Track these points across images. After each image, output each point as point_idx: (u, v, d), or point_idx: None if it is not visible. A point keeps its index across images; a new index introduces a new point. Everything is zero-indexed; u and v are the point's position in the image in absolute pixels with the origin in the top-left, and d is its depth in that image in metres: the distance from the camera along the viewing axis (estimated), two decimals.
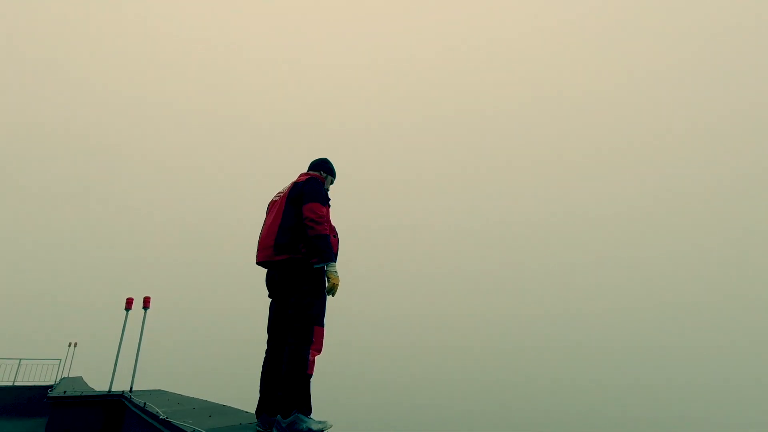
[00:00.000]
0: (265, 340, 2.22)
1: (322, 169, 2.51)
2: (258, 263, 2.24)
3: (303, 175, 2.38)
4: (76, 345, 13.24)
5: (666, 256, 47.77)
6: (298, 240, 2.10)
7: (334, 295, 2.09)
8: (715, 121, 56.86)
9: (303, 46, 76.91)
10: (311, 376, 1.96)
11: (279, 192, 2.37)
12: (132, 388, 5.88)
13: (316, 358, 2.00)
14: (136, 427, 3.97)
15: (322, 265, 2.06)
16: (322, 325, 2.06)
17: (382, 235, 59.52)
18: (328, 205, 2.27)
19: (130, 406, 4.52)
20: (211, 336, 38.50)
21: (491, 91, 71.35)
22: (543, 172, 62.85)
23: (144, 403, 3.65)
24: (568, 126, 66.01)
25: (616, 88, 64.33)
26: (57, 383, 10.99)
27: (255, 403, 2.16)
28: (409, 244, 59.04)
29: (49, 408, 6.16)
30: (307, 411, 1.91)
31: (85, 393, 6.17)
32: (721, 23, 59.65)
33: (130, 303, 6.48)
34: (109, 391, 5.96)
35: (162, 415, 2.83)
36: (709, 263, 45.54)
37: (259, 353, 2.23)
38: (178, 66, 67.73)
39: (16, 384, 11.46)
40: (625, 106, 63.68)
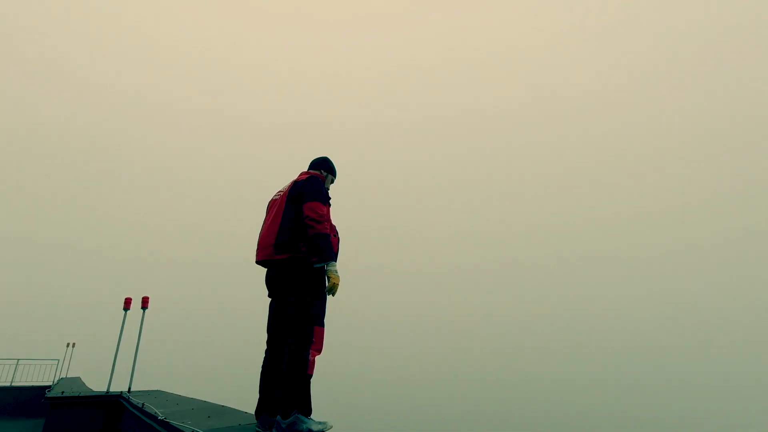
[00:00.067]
0: (264, 340, 2.21)
1: (323, 168, 2.50)
2: (258, 262, 2.23)
3: (303, 173, 2.36)
4: (74, 345, 13.18)
5: (666, 256, 47.88)
6: (299, 239, 2.08)
7: (334, 294, 2.08)
8: (716, 120, 57.00)
9: (302, 46, 76.97)
10: (311, 376, 1.95)
11: (279, 191, 2.36)
12: (130, 388, 5.86)
13: (316, 358, 1.99)
14: (134, 427, 3.94)
15: (322, 264, 2.04)
16: (322, 324, 2.05)
17: (383, 234, 59.52)
18: (329, 204, 2.26)
19: (128, 406, 4.50)
20: (210, 336, 38.42)
21: (491, 91, 71.46)
22: (543, 171, 62.95)
23: (142, 404, 3.64)
24: (568, 125, 66.13)
25: (616, 88, 64.48)
26: (55, 384, 10.93)
27: (254, 404, 2.15)
28: (410, 243, 59.07)
29: (46, 408, 6.13)
30: (308, 411, 1.90)
31: (83, 393, 6.14)
32: (721, 23, 59.81)
33: (128, 303, 6.46)
34: (107, 391, 5.94)
35: (160, 415, 2.81)
36: (709, 263, 45.68)
37: (259, 353, 2.21)
38: (174, 65, 67.68)
39: (14, 384, 11.41)
40: (625, 106, 63.82)
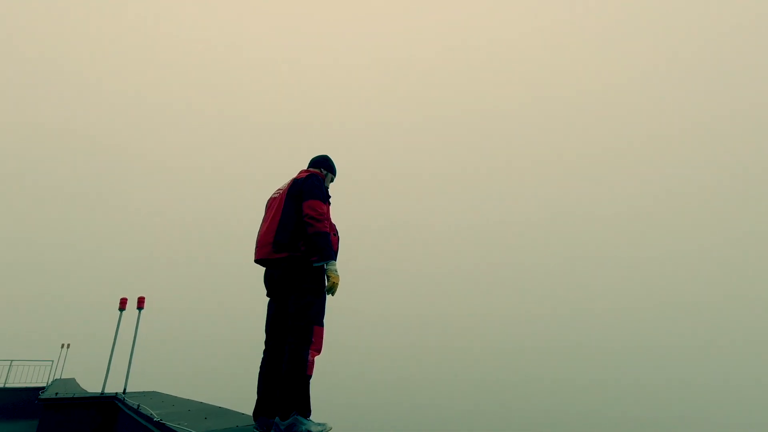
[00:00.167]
0: (263, 340, 2.18)
1: (323, 166, 2.48)
2: (256, 261, 2.20)
3: (303, 171, 2.35)
4: (68, 346, 13.06)
5: (666, 256, 48.03)
6: (298, 238, 2.06)
7: (333, 294, 2.06)
8: (716, 120, 57.22)
9: (302, 45, 76.84)
10: (311, 377, 1.92)
11: (278, 189, 2.33)
12: (126, 389, 5.81)
13: (315, 358, 1.97)
14: (129, 429, 3.90)
15: (321, 263, 2.02)
16: (321, 324, 2.03)
17: (382, 233, 59.45)
18: (329, 202, 2.24)
19: (123, 407, 4.45)
20: (208, 336, 38.17)
21: (491, 91, 71.57)
22: (543, 171, 63.10)
23: (138, 405, 3.60)
24: (568, 125, 66.32)
25: (616, 87, 64.64)
26: (49, 385, 10.82)
27: (252, 405, 2.12)
28: (409, 242, 59.04)
29: (40, 410, 6.06)
30: (307, 413, 1.88)
31: (78, 395, 6.08)
32: (721, 22, 60.06)
33: (124, 303, 6.40)
34: (102, 392, 5.88)
35: (156, 417, 2.78)
36: (709, 263, 45.83)
37: (257, 353, 2.19)
38: (171, 64, 67.31)
39: (7, 386, 11.29)
40: (625, 106, 64.01)
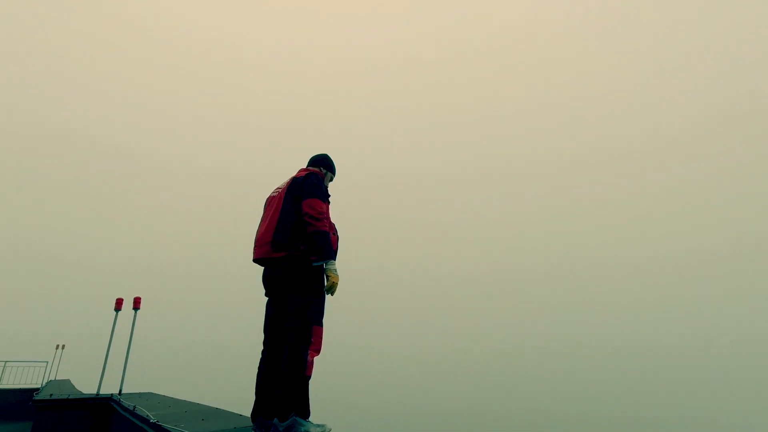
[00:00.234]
0: (261, 341, 2.16)
1: (322, 165, 2.46)
2: (255, 260, 2.19)
3: (302, 170, 2.34)
4: (63, 347, 12.97)
5: (667, 255, 48.02)
6: (297, 237, 2.05)
7: (333, 294, 2.04)
8: (716, 118, 57.20)
9: (300, 42, 76.68)
10: (310, 377, 1.90)
11: (277, 188, 2.32)
12: (121, 390, 5.76)
13: (315, 359, 1.94)
14: (125, 431, 3.85)
15: (321, 263, 2.01)
16: (321, 324, 2.01)
17: (382, 233, 59.39)
18: (328, 201, 2.23)
19: (119, 409, 4.41)
20: (205, 336, 37.97)
21: (491, 88, 71.46)
22: (542, 170, 63.06)
23: (134, 407, 3.56)
24: (567, 124, 66.34)
25: (615, 85, 64.56)
26: (43, 386, 10.75)
27: (250, 406, 2.09)
28: (410, 242, 58.99)
29: (34, 412, 6.00)
30: (306, 414, 1.86)
31: (73, 396, 6.02)
32: (720, 19, 60.04)
33: (119, 304, 6.36)
34: (97, 393, 5.83)
35: (152, 418, 2.74)
36: (710, 262, 45.83)
37: (255, 354, 2.17)
38: (166, 61, 67.00)
39: (1, 387, 11.20)
40: (624, 103, 64.01)
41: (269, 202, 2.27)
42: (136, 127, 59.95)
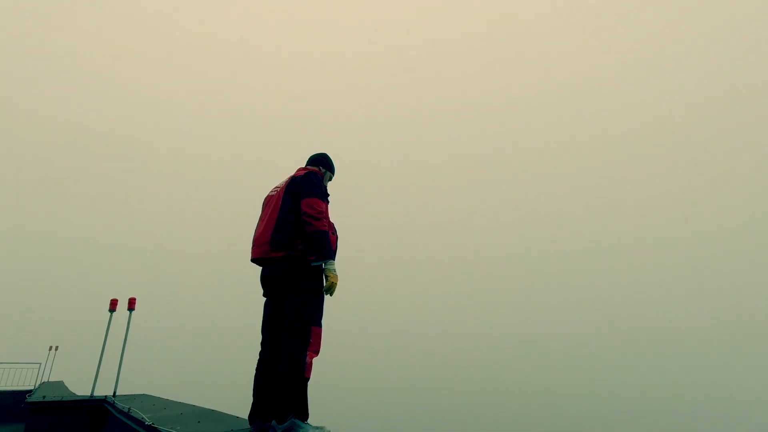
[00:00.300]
0: (259, 341, 2.14)
1: (321, 164, 2.45)
2: (253, 260, 2.17)
3: (301, 169, 2.33)
4: (57, 349, 12.84)
5: (668, 252, 47.89)
6: (296, 236, 2.03)
7: (332, 294, 2.03)
8: (717, 112, 56.95)
9: (298, 37, 76.32)
10: (309, 379, 1.88)
11: (276, 186, 2.30)
12: (115, 392, 5.70)
13: (313, 360, 1.92)
14: None
15: (320, 262, 1.99)
16: (319, 325, 1.99)
17: (382, 233, 59.22)
18: (327, 201, 2.22)
19: (113, 411, 4.36)
20: (201, 337, 37.66)
21: (493, 83, 71.04)
22: (542, 166, 62.93)
23: (128, 409, 3.52)
24: (566, 119, 66.11)
25: (616, 78, 64.23)
26: (36, 388, 10.62)
27: (247, 408, 2.07)
28: (410, 242, 58.80)
29: (27, 414, 5.92)
30: (304, 416, 1.84)
31: (66, 398, 5.95)
32: (721, 13, 59.64)
33: (114, 304, 6.31)
34: (91, 395, 5.76)
35: (148, 420, 2.71)
36: (712, 259, 45.69)
37: (252, 355, 2.14)
38: (163, 60, 66.47)
39: None
40: (623, 97, 63.70)
41: (267, 201, 2.26)
42: (127, 124, 59.27)
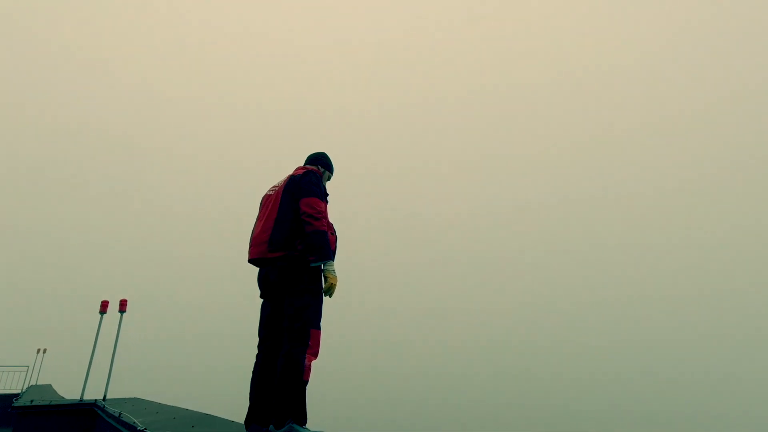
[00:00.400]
0: (255, 344, 2.10)
1: (320, 163, 2.42)
2: (250, 261, 2.13)
3: (300, 168, 2.30)
4: (45, 351, 12.62)
5: (670, 248, 47.73)
6: (295, 236, 2.00)
7: (331, 296, 2.00)
8: (716, 106, 56.74)
9: (298, 38, 75.89)
10: (307, 382, 1.85)
11: (274, 186, 2.27)
12: (106, 396, 5.59)
13: (312, 363, 1.88)
14: None
15: (319, 263, 1.96)
16: (318, 327, 1.96)
17: (381, 232, 58.98)
18: (327, 200, 2.20)
19: (103, 415, 4.26)
20: (195, 339, 37.07)
21: (494, 77, 70.60)
22: (542, 163, 62.74)
23: (119, 413, 3.44)
24: (565, 114, 66.02)
25: (616, 72, 64.08)
26: (24, 391, 10.40)
27: (243, 412, 2.02)
28: (409, 241, 58.61)
29: (14, 418, 5.78)
30: (303, 420, 1.80)
31: (55, 402, 5.82)
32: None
33: (105, 306, 6.20)
34: (80, 399, 5.64)
35: (140, 425, 2.64)
36: (713, 255, 45.56)
37: (249, 357, 2.10)
38: (159, 56, 65.65)
39: None
40: (622, 89, 63.65)
41: (265, 200, 2.22)
42: (124, 116, 58.15)
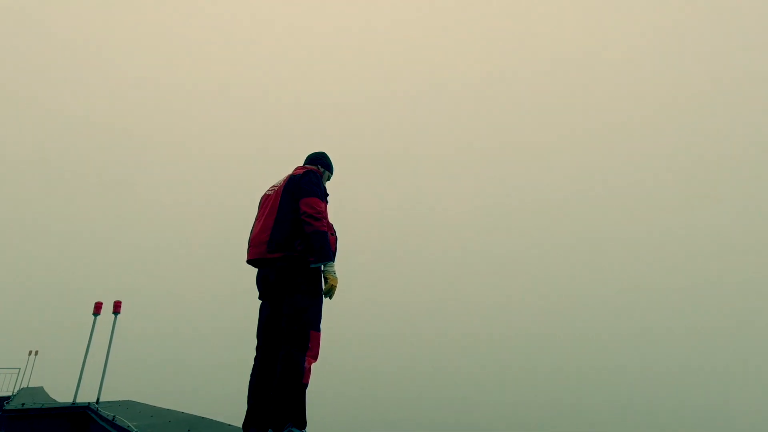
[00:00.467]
0: (254, 346, 2.06)
1: (320, 163, 2.41)
2: (249, 261, 2.10)
3: (299, 168, 2.28)
4: (37, 353, 12.45)
5: (671, 246, 47.65)
6: (294, 237, 1.97)
7: (331, 297, 1.97)
8: (716, 98, 56.58)
9: (298, 38, 75.65)
10: (307, 385, 1.82)
11: (273, 185, 2.25)
12: (99, 399, 5.51)
13: (312, 365, 1.85)
14: None
15: (319, 264, 1.93)
16: (318, 329, 1.93)
17: (381, 232, 58.78)
18: (327, 200, 2.17)
19: (96, 419, 4.19)
20: (192, 341, 36.69)
21: (495, 69, 70.26)
22: (542, 158, 62.45)
23: (113, 416, 3.37)
24: (565, 109, 65.66)
25: (616, 64, 63.80)
26: (15, 394, 10.25)
27: (241, 416, 1.98)
28: (409, 241, 58.45)
29: (4, 422, 5.68)
30: (302, 424, 1.77)
31: (47, 405, 5.72)
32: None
33: (98, 308, 6.12)
34: (73, 402, 5.55)
35: (134, 429, 2.59)
36: (714, 250, 45.49)
37: (247, 359, 2.07)
38: (156, 55, 65.09)
39: None
40: (621, 82, 63.39)
41: (264, 200, 2.20)
42: (120, 113, 57.62)
